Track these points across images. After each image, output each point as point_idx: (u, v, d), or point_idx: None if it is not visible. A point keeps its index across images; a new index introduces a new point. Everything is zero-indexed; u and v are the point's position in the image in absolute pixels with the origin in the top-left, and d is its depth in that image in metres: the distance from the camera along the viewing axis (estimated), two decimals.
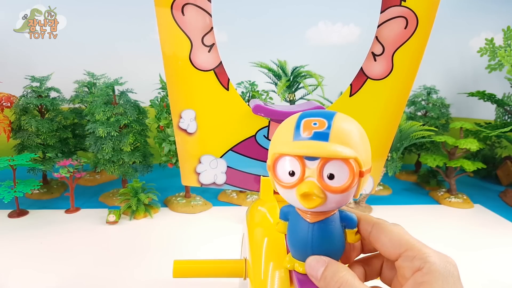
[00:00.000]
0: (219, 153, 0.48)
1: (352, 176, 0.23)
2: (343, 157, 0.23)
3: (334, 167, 0.23)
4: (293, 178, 0.24)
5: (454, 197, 1.05)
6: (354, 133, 0.24)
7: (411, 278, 0.20)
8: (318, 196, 0.23)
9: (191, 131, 0.47)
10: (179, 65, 0.43)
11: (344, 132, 0.24)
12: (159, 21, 0.41)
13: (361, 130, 0.26)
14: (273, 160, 0.25)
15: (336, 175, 0.23)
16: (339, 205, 0.25)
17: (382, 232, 0.24)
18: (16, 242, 0.75)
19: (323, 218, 0.25)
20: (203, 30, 0.42)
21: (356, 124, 0.26)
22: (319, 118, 0.25)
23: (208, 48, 0.43)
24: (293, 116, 0.26)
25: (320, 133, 0.24)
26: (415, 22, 0.40)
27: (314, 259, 0.24)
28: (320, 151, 0.23)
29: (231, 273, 0.41)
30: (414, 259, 0.21)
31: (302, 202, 0.24)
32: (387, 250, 0.23)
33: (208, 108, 0.46)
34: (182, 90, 0.45)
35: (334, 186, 0.23)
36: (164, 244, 0.75)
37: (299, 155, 0.24)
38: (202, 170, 0.49)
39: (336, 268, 0.22)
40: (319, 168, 0.23)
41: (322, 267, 0.23)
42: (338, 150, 0.23)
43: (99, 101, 0.91)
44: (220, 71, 0.44)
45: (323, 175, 0.23)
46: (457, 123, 1.06)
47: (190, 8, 0.41)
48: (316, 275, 0.23)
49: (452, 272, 0.19)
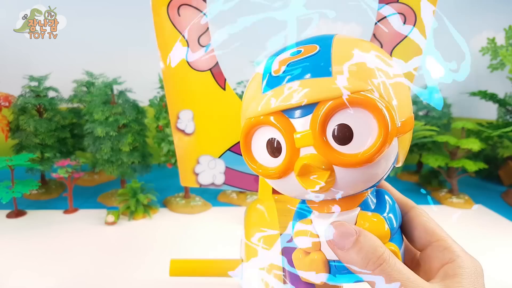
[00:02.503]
0: (217, 153, 0.47)
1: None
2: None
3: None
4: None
5: (455, 197, 1.05)
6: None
7: (441, 269, 0.19)
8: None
9: (189, 132, 0.46)
10: (176, 66, 0.43)
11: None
12: (155, 22, 0.41)
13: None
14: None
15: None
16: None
17: (418, 217, 0.21)
18: (14, 242, 0.74)
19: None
20: (199, 30, 0.41)
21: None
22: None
23: (204, 48, 0.42)
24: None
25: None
26: (413, 18, 0.40)
27: (341, 225, 0.18)
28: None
29: (227, 272, 0.41)
30: (445, 251, 0.20)
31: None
32: (419, 236, 0.21)
33: (205, 108, 0.45)
34: (179, 90, 0.45)
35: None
36: (163, 245, 0.75)
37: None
38: (201, 170, 0.49)
39: (373, 242, 0.18)
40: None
41: (352, 236, 0.18)
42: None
43: (97, 101, 0.91)
44: (216, 71, 0.43)
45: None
46: (458, 123, 1.05)
47: (185, 8, 0.41)
48: (342, 244, 0.18)
49: (481, 274, 0.19)
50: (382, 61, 0.17)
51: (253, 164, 0.18)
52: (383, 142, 0.15)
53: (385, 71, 0.17)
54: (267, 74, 0.17)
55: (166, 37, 0.42)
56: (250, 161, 0.18)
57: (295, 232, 0.21)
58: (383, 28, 0.41)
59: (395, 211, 0.20)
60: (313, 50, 0.16)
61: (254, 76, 0.19)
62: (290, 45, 0.18)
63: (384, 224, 0.18)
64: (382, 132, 0.15)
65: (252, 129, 0.17)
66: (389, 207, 0.19)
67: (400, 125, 0.16)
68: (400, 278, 0.17)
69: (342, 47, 0.16)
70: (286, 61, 0.16)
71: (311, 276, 0.20)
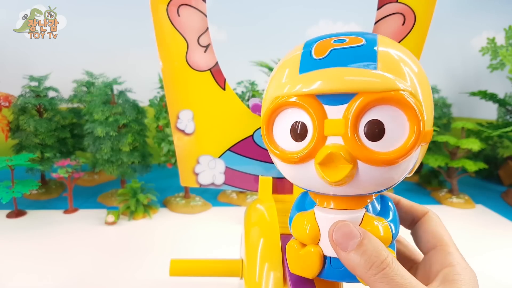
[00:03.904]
0: (217, 153, 0.47)
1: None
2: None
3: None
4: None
5: (455, 197, 1.04)
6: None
7: (440, 273, 0.19)
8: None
9: (189, 132, 0.46)
10: (175, 66, 0.43)
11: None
12: (155, 22, 0.41)
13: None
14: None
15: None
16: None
17: (429, 222, 0.22)
18: (14, 242, 0.74)
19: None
20: (199, 30, 0.42)
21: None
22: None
23: (204, 48, 0.42)
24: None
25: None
26: (412, 18, 0.40)
27: (345, 226, 0.18)
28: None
29: (227, 272, 0.41)
30: (447, 255, 0.20)
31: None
32: (427, 242, 0.21)
33: (205, 108, 0.45)
34: (179, 90, 0.45)
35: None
36: (163, 245, 0.75)
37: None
38: (201, 170, 0.49)
39: (377, 246, 0.17)
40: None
41: (355, 238, 0.18)
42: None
43: (97, 101, 0.91)
44: (216, 71, 0.43)
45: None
46: (458, 123, 1.05)
47: (185, 8, 0.41)
48: (345, 244, 0.18)
49: (477, 284, 0.19)
50: (419, 70, 0.17)
51: (273, 145, 0.17)
52: (413, 144, 0.15)
53: (423, 79, 0.17)
54: (307, 56, 0.16)
55: (166, 37, 0.42)
56: (270, 143, 0.17)
57: (294, 222, 0.20)
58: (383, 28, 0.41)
59: (397, 218, 0.20)
60: (359, 42, 0.16)
61: (288, 56, 0.18)
62: (332, 33, 0.18)
63: (389, 229, 0.18)
64: (414, 134, 0.15)
65: (280, 108, 0.16)
66: (392, 213, 0.19)
67: (427, 132, 0.16)
68: (403, 283, 0.17)
69: (387, 46, 0.16)
70: (330, 46, 0.16)
71: (303, 268, 0.20)
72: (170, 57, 0.43)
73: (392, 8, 0.39)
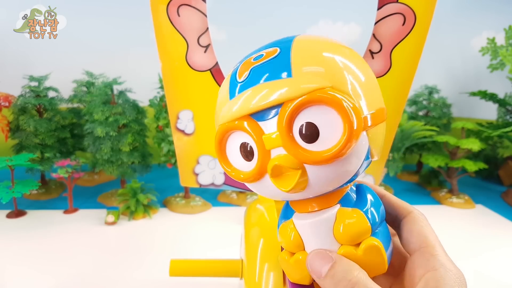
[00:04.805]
0: None
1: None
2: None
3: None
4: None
5: (455, 198, 1.04)
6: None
7: (424, 276, 0.19)
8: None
9: (188, 132, 0.46)
10: (175, 66, 0.43)
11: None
12: (155, 22, 0.41)
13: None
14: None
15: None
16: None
17: (414, 221, 0.21)
18: (14, 242, 0.74)
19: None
20: (199, 30, 0.42)
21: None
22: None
23: (204, 48, 0.42)
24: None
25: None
26: (413, 18, 0.40)
27: (318, 254, 0.19)
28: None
29: (227, 273, 0.41)
30: (430, 258, 0.19)
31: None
32: (412, 243, 0.21)
33: (205, 108, 0.45)
34: (179, 90, 0.45)
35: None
36: (163, 245, 0.75)
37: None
38: (201, 170, 0.49)
39: (347, 266, 0.18)
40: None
41: (328, 263, 0.19)
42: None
43: (97, 101, 0.91)
44: (216, 71, 0.43)
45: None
46: (458, 123, 1.05)
47: (185, 9, 0.41)
48: (319, 272, 0.19)
49: (464, 285, 0.19)
50: (342, 55, 0.17)
51: (228, 168, 0.18)
52: (348, 138, 0.15)
53: (347, 65, 0.17)
54: (233, 81, 0.17)
55: (166, 37, 0.42)
56: (226, 166, 0.18)
57: (279, 233, 0.21)
58: (383, 28, 0.41)
59: (377, 205, 0.20)
60: (273, 53, 0.17)
61: (223, 83, 0.19)
62: (255, 50, 0.19)
63: (364, 219, 0.18)
64: (346, 127, 0.15)
65: (224, 135, 0.17)
66: (369, 201, 0.19)
67: (370, 117, 0.16)
68: None
69: (302, 47, 0.17)
70: (249, 66, 0.17)
71: (298, 276, 0.20)
72: (170, 57, 0.43)
73: (392, 8, 0.39)
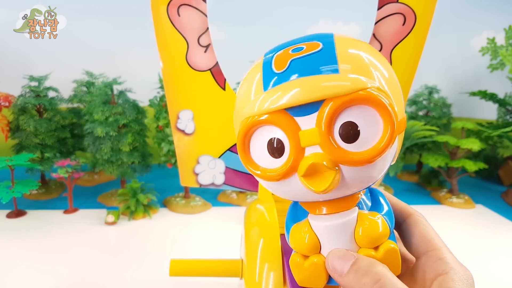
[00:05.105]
0: (217, 153, 0.47)
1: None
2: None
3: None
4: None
5: (455, 198, 1.04)
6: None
7: (435, 281, 0.19)
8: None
9: (189, 132, 0.46)
10: (175, 66, 0.43)
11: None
12: (155, 22, 0.41)
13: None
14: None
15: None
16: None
17: (416, 224, 0.21)
18: (14, 242, 0.74)
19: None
20: (199, 30, 0.42)
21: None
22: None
23: (204, 48, 0.42)
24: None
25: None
26: (413, 18, 0.40)
27: (340, 252, 0.19)
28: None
29: (227, 273, 0.41)
30: (439, 262, 0.20)
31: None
32: (416, 244, 0.21)
33: (205, 108, 0.45)
34: (179, 90, 0.45)
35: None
36: (163, 245, 0.75)
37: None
38: (201, 170, 0.49)
39: (370, 261, 0.18)
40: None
41: (350, 260, 0.18)
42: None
43: (97, 101, 0.91)
44: (216, 71, 0.43)
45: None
46: (458, 123, 1.05)
47: (185, 8, 0.41)
48: (341, 269, 0.18)
49: (472, 285, 0.19)
50: (380, 61, 0.17)
51: (252, 166, 0.17)
52: (389, 139, 0.15)
53: (386, 69, 0.17)
54: (268, 71, 0.16)
55: (166, 37, 0.42)
56: (249, 163, 0.17)
57: (291, 235, 0.20)
58: (383, 28, 0.41)
59: (391, 210, 0.20)
60: (316, 47, 0.16)
61: (250, 74, 0.18)
62: (289, 41, 0.18)
63: (385, 222, 0.18)
64: (388, 129, 0.15)
65: (252, 128, 0.16)
66: (386, 205, 0.19)
67: (401, 123, 0.16)
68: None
69: (345, 45, 0.16)
70: (289, 57, 0.16)
71: (311, 280, 0.20)
72: (170, 57, 0.43)
73: (392, 8, 0.39)
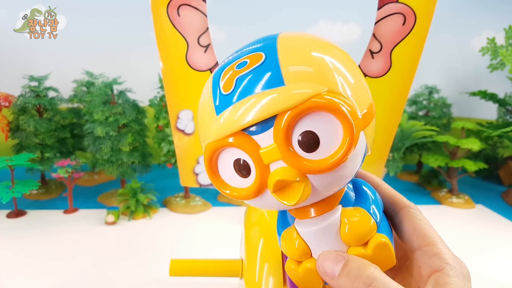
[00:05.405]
0: None
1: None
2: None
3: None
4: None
5: (455, 197, 1.04)
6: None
7: (431, 277, 0.19)
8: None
9: (188, 132, 0.46)
10: (175, 66, 0.43)
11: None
12: (155, 22, 0.41)
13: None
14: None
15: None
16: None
17: (409, 217, 0.21)
18: (14, 242, 0.74)
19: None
20: (199, 30, 0.41)
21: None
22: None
23: (204, 48, 0.42)
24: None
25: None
26: (413, 18, 0.40)
27: (329, 254, 0.18)
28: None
29: (227, 273, 0.41)
30: (434, 257, 0.19)
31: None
32: (409, 238, 0.21)
33: None
34: (179, 90, 0.45)
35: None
36: (163, 245, 0.75)
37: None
38: (201, 170, 0.49)
39: (362, 262, 0.18)
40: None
41: (340, 262, 0.18)
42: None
43: (97, 101, 0.91)
44: None
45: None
46: (458, 123, 1.05)
47: (185, 9, 0.41)
48: (332, 272, 0.18)
49: (468, 278, 0.19)
50: (328, 54, 0.16)
51: (224, 188, 0.17)
52: (350, 142, 0.14)
53: (336, 64, 0.16)
54: (217, 93, 0.16)
55: (166, 37, 0.42)
56: (220, 186, 0.17)
57: (282, 242, 0.20)
58: (383, 28, 0.41)
59: (376, 200, 0.19)
60: (259, 60, 0.15)
61: (203, 95, 0.18)
62: (234, 55, 0.17)
63: (369, 217, 0.18)
64: (347, 131, 0.14)
65: (214, 154, 0.16)
66: (370, 198, 0.19)
67: (362, 117, 0.16)
68: None
69: (288, 48, 0.16)
70: (234, 75, 0.16)
71: (308, 285, 0.20)
72: (170, 57, 0.43)
73: (392, 8, 0.39)
